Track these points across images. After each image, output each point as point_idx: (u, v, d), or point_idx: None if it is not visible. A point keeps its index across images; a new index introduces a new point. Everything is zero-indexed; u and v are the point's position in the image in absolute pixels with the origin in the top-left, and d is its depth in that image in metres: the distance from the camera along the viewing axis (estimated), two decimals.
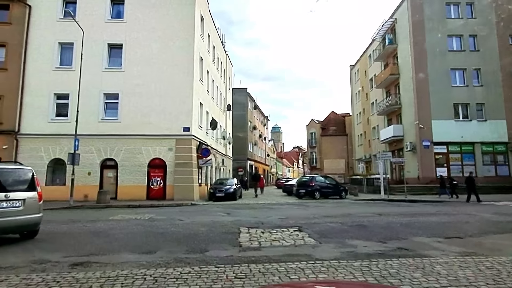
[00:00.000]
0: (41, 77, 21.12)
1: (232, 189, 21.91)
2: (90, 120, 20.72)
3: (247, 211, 13.92)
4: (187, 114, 21.61)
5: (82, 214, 13.16)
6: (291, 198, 23.71)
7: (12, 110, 20.59)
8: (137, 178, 20.81)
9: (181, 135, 21.34)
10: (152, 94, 21.51)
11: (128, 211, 14.18)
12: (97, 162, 20.81)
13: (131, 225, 9.21)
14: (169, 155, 21.18)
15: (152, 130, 21.16)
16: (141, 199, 20.43)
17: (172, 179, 20.89)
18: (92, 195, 19.80)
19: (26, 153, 20.48)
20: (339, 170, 54.64)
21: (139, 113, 21.28)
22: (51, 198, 19.97)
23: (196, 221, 10.05)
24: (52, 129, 20.73)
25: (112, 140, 20.99)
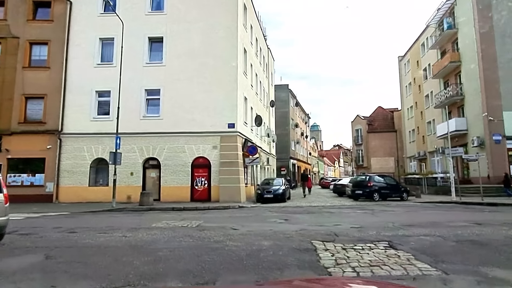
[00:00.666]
0: (82, 74, 20.51)
1: (281, 190, 20.11)
2: (132, 118, 19.78)
3: (305, 216, 12.04)
4: (231, 109, 20.10)
5: (124, 218, 11.92)
6: (346, 200, 21.49)
7: (55, 109, 20.14)
8: (180, 178, 19.60)
9: (226, 132, 19.86)
10: (195, 89, 20.22)
11: (172, 215, 12.81)
12: (139, 162, 19.84)
13: (178, 235, 7.66)
14: (214, 154, 19.77)
15: (195, 127, 19.86)
16: (185, 200, 19.19)
17: (217, 179, 19.46)
18: (135, 196, 18.81)
19: (69, 153, 19.93)
20: (388, 169, 51.12)
21: (181, 109, 20.06)
22: (94, 199, 19.31)
23: (253, 231, 8.34)
24: (94, 128, 20.04)
25: (154, 138, 19.94)
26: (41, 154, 19.79)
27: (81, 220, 11.42)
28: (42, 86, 20.28)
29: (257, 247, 6.29)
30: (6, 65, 20.32)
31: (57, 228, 9.05)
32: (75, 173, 19.72)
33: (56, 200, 19.43)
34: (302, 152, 61.68)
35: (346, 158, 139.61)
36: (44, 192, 19.53)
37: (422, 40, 40.66)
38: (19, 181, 19.72)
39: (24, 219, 11.77)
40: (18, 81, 20.23)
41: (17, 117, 19.98)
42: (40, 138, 19.88)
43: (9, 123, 19.90)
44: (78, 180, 19.68)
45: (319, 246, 6.38)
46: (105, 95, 20.49)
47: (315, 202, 19.83)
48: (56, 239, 7.31)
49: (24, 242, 7.04)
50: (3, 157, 19.65)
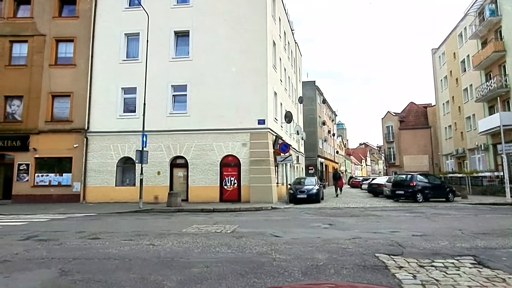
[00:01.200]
0: (108, 71, 19.97)
1: (315, 190, 18.83)
2: (158, 115, 19.05)
3: (351, 220, 10.75)
4: (261, 104, 18.98)
5: (151, 221, 11.04)
6: (384, 200, 19.92)
7: (81, 107, 19.69)
8: (209, 177, 18.68)
9: (256, 129, 18.77)
10: (223, 84, 19.23)
11: (202, 218, 11.83)
12: (166, 161, 19.08)
13: (213, 244, 6.60)
14: (243, 152, 18.73)
15: (223, 124, 18.89)
16: (214, 201, 18.25)
17: (247, 179, 18.41)
18: (162, 197, 18.05)
19: (96, 152, 19.43)
20: (422, 167, 48.57)
21: (209, 105, 19.13)
22: (121, 199, 18.70)
23: (298, 238, 7.19)
24: (120, 126, 19.45)
25: (181, 136, 19.11)
26: (68, 153, 19.39)
27: (106, 223, 10.63)
28: (68, 84, 19.90)
29: (312, 262, 5.12)
30: (33, 63, 20.06)
31: (80, 233, 8.22)
32: (101, 173, 19.20)
33: (84, 200, 18.98)
34: (330, 150, 59.95)
35: (373, 156, 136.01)
36: (71, 192, 19.12)
37: (460, 30, 38.14)
38: (46, 180, 19.41)
39: (48, 221, 11.12)
40: (45, 79, 19.93)
41: (44, 116, 19.67)
42: (67, 137, 19.49)
43: (37, 122, 19.62)
44: (105, 180, 19.14)
45: (389, 262, 5.15)
46: (131, 92, 19.86)
47: (351, 203, 18.42)
48: (76, 248, 6.42)
49: (40, 251, 6.18)
50: (31, 157, 19.38)
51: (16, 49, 20.47)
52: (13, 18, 20.48)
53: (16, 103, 20.04)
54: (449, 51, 41.27)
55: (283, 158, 18.55)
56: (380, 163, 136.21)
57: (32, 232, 8.49)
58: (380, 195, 24.07)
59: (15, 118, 19.96)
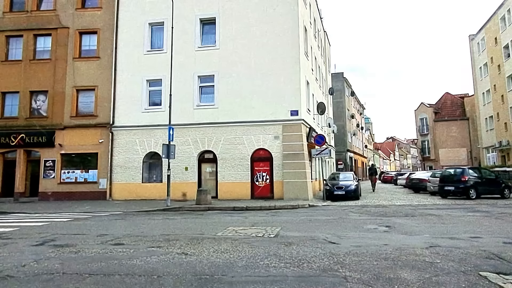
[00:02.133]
0: (133, 63, 19.12)
1: (353, 186, 17.34)
2: (185, 108, 18.05)
3: (409, 221, 9.24)
4: (294, 94, 17.61)
5: (181, 222, 9.95)
6: (431, 197, 18.13)
7: (106, 101, 18.97)
8: (239, 173, 17.53)
9: (289, 120, 17.44)
10: (252, 73, 17.99)
11: (237, 217, 10.66)
12: (194, 155, 18.06)
13: (259, 255, 5.36)
14: (276, 145, 17.45)
15: (254, 116, 17.66)
16: (245, 198, 17.10)
17: (280, 174, 17.13)
18: (191, 193, 17.08)
19: (121, 147, 18.67)
20: (459, 161, 45.72)
21: (238, 96, 17.95)
22: (148, 196, 17.87)
23: (360, 246, 5.84)
24: (146, 119, 18.58)
25: (210, 129, 18.04)
26: (94, 149, 18.74)
27: (132, 223, 9.62)
28: (92, 77, 19.22)
29: (402, 286, 3.78)
30: (57, 56, 19.49)
31: (101, 237, 7.19)
32: (128, 169, 18.42)
33: (110, 197, 18.28)
34: (358, 144, 57.82)
35: (402, 151, 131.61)
36: (97, 189, 18.47)
37: (502, 13, 35.26)
38: (72, 177, 18.84)
39: (69, 221, 10.25)
40: (69, 73, 19.33)
41: (69, 111, 19.08)
42: (92, 132, 18.83)
43: (62, 117, 19.07)
44: (131, 176, 18.36)
45: (506, 285, 3.74)
46: (156, 84, 18.95)
47: (394, 200, 16.79)
48: (95, 257, 5.34)
49: (52, 261, 5.14)
50: (57, 153, 18.85)
51: (40, 43, 19.96)
52: (36, 11, 19.96)
53: (41, 98, 19.56)
54: (490, 37, 38.34)
55: (319, 151, 17.13)
56: (408, 157, 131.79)
57: (50, 235, 7.55)
58: (421, 191, 22.28)
59: (41, 114, 19.49)
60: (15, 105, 19.51)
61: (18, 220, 10.98)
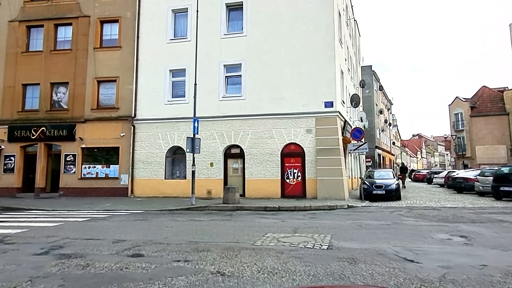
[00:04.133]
0: (155, 52, 18.07)
1: (394, 185, 15.69)
2: (210, 99, 16.86)
3: (484, 229, 7.62)
4: (329, 84, 16.09)
5: (209, 225, 8.70)
6: (482, 199, 16.21)
7: (127, 93, 18.02)
8: (268, 170, 16.20)
9: (322, 113, 15.94)
10: (283, 61, 16.57)
11: (272, 220, 9.33)
12: (219, 150, 16.86)
13: (318, 275, 4.01)
14: (308, 139, 16.00)
15: (284, 108, 16.27)
16: (275, 196, 15.76)
17: (313, 171, 15.68)
18: (216, 191, 15.93)
19: (143, 141, 17.69)
20: (498, 159, 42.68)
21: (267, 86, 16.59)
22: (172, 194, 16.80)
23: (450, 267, 4.39)
24: (169, 112, 17.51)
25: (236, 122, 16.77)
26: (115, 143, 17.85)
27: (154, 225, 8.46)
28: (114, 68, 18.30)
29: None
30: (78, 46, 18.69)
31: (118, 244, 6.02)
32: (150, 164, 17.43)
33: (132, 194, 17.35)
34: (386, 141, 55.43)
35: (429, 148, 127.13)
36: (119, 185, 17.58)
37: None
38: (93, 172, 18.03)
39: (85, 222, 9.20)
40: (90, 63, 18.49)
41: (90, 103, 18.26)
42: (114, 125, 17.94)
43: (82, 110, 18.27)
44: (154, 172, 17.36)
45: None
46: (180, 75, 17.84)
47: (441, 201, 15.03)
48: (105, 274, 4.14)
49: (52, 279, 3.97)
50: (78, 147, 18.08)
51: (61, 33, 19.22)
52: (57, 0, 19.21)
53: (62, 90, 18.83)
54: None
55: (356, 147, 15.56)
56: (436, 155, 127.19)
57: (59, 239, 6.46)
58: (464, 191, 20.30)
59: (61, 106, 18.77)
60: (35, 97, 18.86)
61: (31, 218, 10.05)
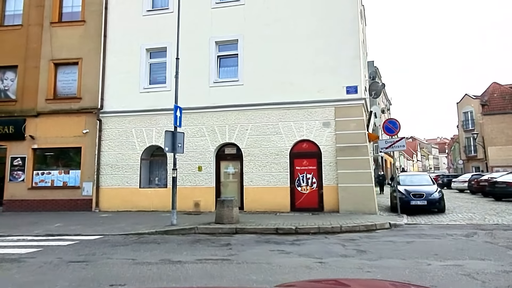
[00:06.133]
0: (127, 27, 14.27)
1: (437, 194, 12.15)
2: (198, 85, 13.11)
3: None
4: (352, 63, 12.48)
5: (192, 274, 4.91)
6: None
7: (92, 79, 14.15)
8: (273, 175, 12.45)
9: (344, 100, 12.31)
10: (291, 35, 12.92)
11: (298, 259, 5.58)
12: (210, 150, 13.07)
13: None
14: (325, 135, 12.32)
15: (293, 95, 12.59)
16: (283, 210, 12.02)
17: (333, 176, 11.99)
18: (206, 203, 12.19)
19: (113, 140, 13.81)
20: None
21: (271, 68, 12.90)
22: (148, 206, 12.84)
23: None
24: (145, 102, 13.68)
25: (232, 114, 13.03)
26: (76, 143, 13.96)
27: (92, 279, 4.65)
28: (75, 47, 14.44)
29: None
30: (31, 21, 14.80)
31: None
32: (120, 169, 13.56)
33: (97, 207, 13.43)
34: None
35: (423, 151, 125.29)
36: (80, 196, 13.66)
37: None
38: (48, 180, 14.08)
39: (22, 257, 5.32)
40: (46, 42, 14.60)
41: (45, 92, 14.35)
42: (74, 120, 14.05)
43: (35, 101, 14.34)
44: (125, 179, 13.48)
45: None
46: (159, 55, 14.05)
47: (502, 214, 11.47)
48: None
49: None
50: (28, 147, 14.13)
51: (9, 5, 15.30)
52: None
53: (9, 76, 14.88)
54: None
55: (390, 143, 11.85)
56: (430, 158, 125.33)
57: None
58: (503, 199, 16.97)
59: (8, 97, 14.80)
60: None
61: None
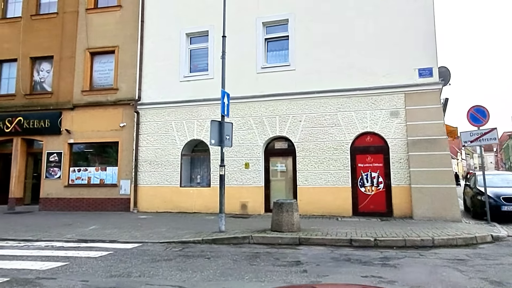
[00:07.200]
0: (166, 11, 13.07)
1: None
2: (243, 72, 11.66)
3: None
4: (425, 42, 10.53)
5: None
6: None
7: (129, 68, 13.08)
8: (332, 173, 10.78)
9: (416, 86, 10.42)
10: (352, 12, 11.16)
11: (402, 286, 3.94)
12: (258, 145, 11.59)
13: None
14: (393, 127, 10.48)
15: (355, 80, 10.84)
16: (343, 214, 10.33)
17: (404, 175, 10.15)
18: (254, 205, 10.79)
19: (151, 134, 12.66)
20: None
21: (327, 49, 11.21)
22: (190, 208, 11.56)
23: None
24: (186, 92, 12.41)
25: (283, 104, 11.47)
26: (113, 137, 12.96)
27: None
28: (112, 34, 13.43)
29: None
30: (66, 8, 13.97)
31: None
32: (160, 165, 12.39)
33: (135, 207, 12.35)
34: None
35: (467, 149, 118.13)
36: (118, 195, 12.64)
37: None
38: (85, 177, 13.19)
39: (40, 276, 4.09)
40: (81, 30, 13.71)
41: (81, 83, 13.46)
42: (111, 113, 13.05)
43: (71, 93, 13.49)
44: (165, 177, 12.29)
45: None
46: (201, 40, 12.74)
47: None
48: None
49: None
50: (64, 142, 13.31)
51: None
52: None
53: (45, 68, 14.15)
54: None
55: (478, 136, 9.81)
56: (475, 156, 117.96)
57: None
58: None
59: (44, 89, 14.08)
60: (12, 78, 14.30)
61: None
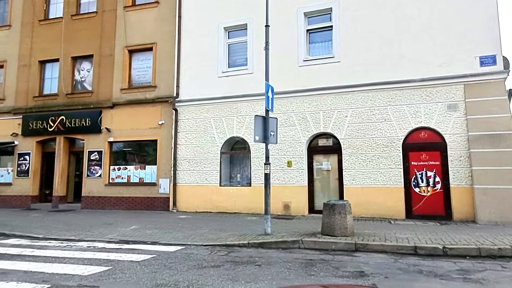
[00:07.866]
0: (204, 5, 12.73)
1: None
2: (284, 65, 11.11)
3: None
4: (487, 27, 9.52)
5: None
6: None
7: (167, 65, 12.88)
8: (382, 172, 10.01)
9: (477, 75, 9.44)
10: None
11: None
12: (301, 142, 11.00)
13: None
14: (451, 121, 9.56)
15: (407, 71, 9.99)
16: (395, 216, 9.56)
17: (465, 174, 9.22)
18: (297, 206, 10.30)
19: (189, 131, 12.39)
20: None
21: (375, 39, 10.42)
22: (230, 208, 11.15)
23: None
24: (224, 88, 12.02)
25: (327, 98, 10.81)
26: (152, 135, 12.83)
27: None
28: (149, 32, 13.30)
29: None
30: (105, 7, 14.00)
31: None
32: (199, 164, 12.11)
33: (174, 207, 12.15)
34: None
35: None
36: (157, 194, 12.50)
37: None
38: (125, 176, 13.16)
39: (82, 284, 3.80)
40: (120, 28, 13.68)
41: (120, 81, 13.45)
42: (150, 110, 12.93)
43: (110, 91, 13.51)
44: (204, 176, 11.99)
45: None
46: (239, 34, 12.30)
47: None
48: None
49: None
50: (104, 140, 13.35)
51: None
52: None
53: (85, 67, 14.27)
54: None
55: None
56: None
57: None
58: None
59: (85, 88, 14.20)
60: (55, 78, 14.55)
61: None
